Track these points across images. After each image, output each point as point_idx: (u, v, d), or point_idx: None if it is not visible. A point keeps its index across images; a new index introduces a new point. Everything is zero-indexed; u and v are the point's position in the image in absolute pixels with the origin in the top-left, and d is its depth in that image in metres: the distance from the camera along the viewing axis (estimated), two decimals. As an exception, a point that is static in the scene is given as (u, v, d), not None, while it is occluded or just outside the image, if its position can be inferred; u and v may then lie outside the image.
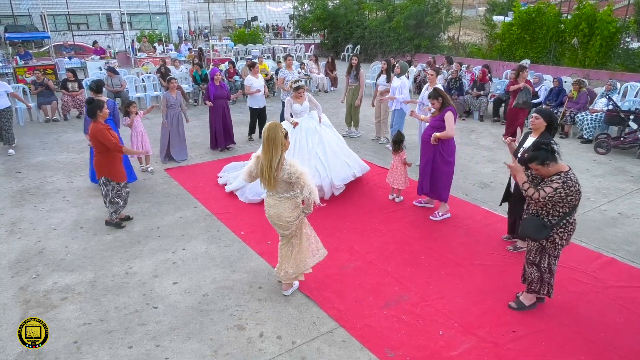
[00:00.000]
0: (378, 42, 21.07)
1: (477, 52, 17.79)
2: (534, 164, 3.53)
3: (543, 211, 3.61)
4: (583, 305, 4.04)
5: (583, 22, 13.35)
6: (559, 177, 3.47)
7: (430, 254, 4.88)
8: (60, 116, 10.88)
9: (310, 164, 6.09)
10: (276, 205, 3.84)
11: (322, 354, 3.49)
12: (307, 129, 6.33)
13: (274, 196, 3.84)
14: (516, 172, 3.68)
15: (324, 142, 6.30)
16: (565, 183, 3.44)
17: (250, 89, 8.50)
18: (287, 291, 4.20)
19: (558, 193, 3.44)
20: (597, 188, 6.65)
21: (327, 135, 6.43)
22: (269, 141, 3.65)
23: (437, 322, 3.83)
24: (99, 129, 5.08)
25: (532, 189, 3.52)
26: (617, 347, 3.54)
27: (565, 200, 3.48)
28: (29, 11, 26.10)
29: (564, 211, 3.54)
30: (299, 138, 6.23)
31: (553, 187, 3.44)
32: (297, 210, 3.88)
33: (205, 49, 18.01)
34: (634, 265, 4.67)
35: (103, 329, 3.75)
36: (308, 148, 6.19)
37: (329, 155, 6.23)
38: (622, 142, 8.19)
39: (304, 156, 6.10)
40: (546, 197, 3.46)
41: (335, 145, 6.44)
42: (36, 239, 5.23)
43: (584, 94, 9.41)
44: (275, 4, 38.60)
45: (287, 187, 3.78)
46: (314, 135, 6.30)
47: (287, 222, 3.86)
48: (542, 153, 3.46)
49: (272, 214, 3.88)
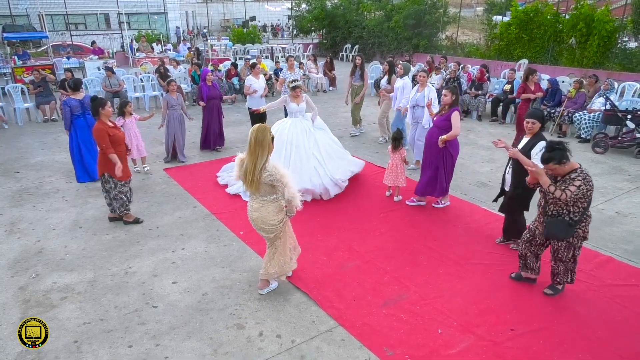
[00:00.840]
0: (376, 42, 21.10)
1: (475, 52, 17.83)
2: (551, 164, 3.62)
3: (564, 210, 3.71)
4: (581, 303, 4.06)
5: (581, 22, 13.39)
6: (577, 175, 3.61)
7: (429, 253, 4.90)
8: (58, 116, 10.84)
9: (309, 164, 6.12)
10: (260, 208, 3.82)
11: (321, 353, 3.50)
12: (303, 129, 6.34)
13: (258, 199, 3.83)
14: (539, 175, 3.72)
15: (318, 145, 6.35)
16: (584, 179, 3.60)
17: (250, 90, 8.50)
18: (262, 290, 4.21)
19: (581, 190, 3.58)
20: (594, 187, 6.66)
21: (320, 138, 6.46)
22: (257, 143, 3.63)
23: (436, 320, 3.84)
24: (98, 129, 5.09)
25: (559, 191, 3.61)
26: (616, 345, 3.56)
27: (586, 196, 3.63)
28: (26, 11, 26.01)
29: (583, 206, 3.69)
30: (295, 137, 6.25)
31: (576, 185, 3.57)
32: (281, 214, 3.88)
33: (204, 49, 18.01)
34: (632, 264, 4.69)
35: (103, 328, 3.75)
36: (305, 148, 6.22)
37: (325, 157, 6.29)
38: (620, 141, 8.22)
39: (301, 155, 6.15)
40: (572, 196, 3.57)
41: (329, 147, 6.50)
42: (35, 238, 5.23)
43: (582, 93, 9.45)
44: (273, 4, 38.57)
45: (270, 190, 3.76)
46: (310, 137, 6.33)
47: (271, 225, 3.86)
48: (558, 153, 3.59)
49: (256, 218, 3.87)
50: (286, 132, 6.29)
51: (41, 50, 19.54)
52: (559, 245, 3.88)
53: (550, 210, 3.81)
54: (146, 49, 18.00)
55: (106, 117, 5.24)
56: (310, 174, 6.10)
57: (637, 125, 8.08)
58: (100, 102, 5.26)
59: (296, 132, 6.28)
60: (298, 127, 6.32)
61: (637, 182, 6.92)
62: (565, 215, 3.72)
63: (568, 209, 3.70)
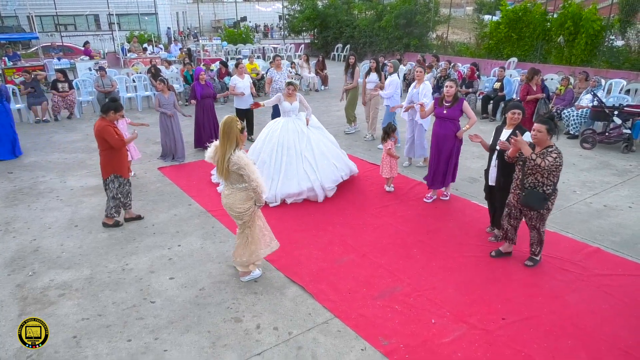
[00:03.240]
0: (368, 42, 21.23)
1: (465, 51, 18.01)
2: (545, 127, 4.00)
3: (539, 182, 4.12)
4: (570, 293, 4.18)
5: (569, 21, 13.61)
6: (554, 149, 4.02)
7: (422, 247, 4.99)
8: (50, 117, 10.83)
9: (299, 167, 6.11)
10: (229, 195, 4.07)
11: (318, 344, 3.57)
12: (295, 130, 6.26)
13: (228, 187, 4.08)
14: (523, 145, 4.05)
15: (312, 145, 6.26)
16: (559, 154, 4.01)
17: (235, 90, 8.52)
18: (243, 278, 4.40)
19: (556, 161, 3.98)
20: (583, 182, 6.82)
21: (315, 138, 6.38)
22: (224, 135, 3.88)
23: (430, 311, 3.93)
24: (104, 125, 5.07)
25: (540, 159, 3.98)
26: (603, 332, 3.67)
27: (558, 169, 4.04)
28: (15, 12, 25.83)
29: (554, 181, 4.12)
30: (287, 139, 6.18)
31: (553, 157, 3.97)
32: (249, 202, 4.07)
33: (195, 49, 18.00)
34: (618, 255, 4.82)
35: (101, 324, 3.79)
36: (296, 150, 6.16)
37: (318, 158, 6.22)
38: (607, 137, 8.39)
39: (292, 158, 6.12)
40: (549, 165, 3.95)
41: (323, 146, 6.41)
42: (31, 237, 5.24)
43: (570, 90, 9.62)
44: (264, 4, 38.59)
45: (239, 179, 3.99)
46: (302, 138, 6.25)
47: (237, 212, 4.08)
48: (552, 124, 4.05)
49: (225, 203, 4.13)
50: (277, 133, 6.24)
51: (31, 51, 19.40)
52: (532, 214, 4.30)
53: (527, 182, 4.19)
54: (138, 49, 17.95)
55: (112, 119, 5.22)
56: (299, 177, 6.05)
57: (623, 121, 8.25)
58: (116, 106, 5.19)
59: (287, 133, 6.21)
60: (290, 128, 6.26)
61: (624, 176, 7.07)
62: (540, 187, 4.13)
63: (543, 181, 4.10)
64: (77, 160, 7.93)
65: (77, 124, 10.49)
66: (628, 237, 5.19)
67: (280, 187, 6.02)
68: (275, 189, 6.02)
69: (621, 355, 3.44)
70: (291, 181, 6.03)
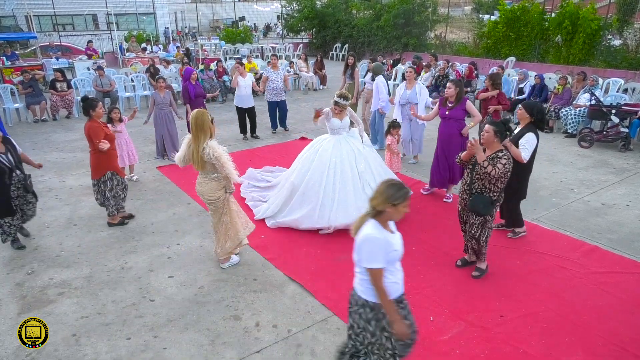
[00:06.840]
0: (366, 41, 21.23)
1: (463, 50, 18.03)
2: (492, 128, 3.96)
3: (486, 188, 4.03)
4: (568, 290, 4.20)
5: (566, 20, 13.63)
6: (504, 154, 3.96)
7: (421, 245, 5.01)
8: (49, 116, 10.83)
9: (357, 192, 5.16)
10: (202, 183, 4.29)
11: (317, 341, 3.59)
12: (350, 150, 5.36)
13: (202, 175, 4.29)
14: (478, 151, 4.02)
15: (371, 167, 5.38)
16: (509, 159, 3.95)
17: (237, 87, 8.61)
18: (224, 264, 4.57)
19: (506, 168, 3.90)
20: (580, 180, 6.85)
21: (371, 158, 5.51)
22: (197, 128, 4.04)
23: (428, 309, 3.95)
24: (93, 127, 5.10)
25: (491, 167, 3.92)
26: (599, 328, 3.70)
27: (506, 176, 3.96)
28: (12, 12, 25.78)
29: (501, 187, 4.03)
30: (339, 162, 5.24)
31: (502, 163, 3.90)
32: (220, 192, 4.27)
33: (194, 49, 18.00)
34: (616, 252, 4.84)
35: (101, 322, 3.80)
36: (352, 174, 5.24)
37: (378, 181, 4.95)
38: (605, 135, 8.42)
39: (348, 185, 5.17)
40: (499, 173, 3.88)
41: (380, 168, 5.54)
42: (30, 236, 5.25)
43: (568, 89, 9.65)
44: (262, 4, 38.59)
45: (212, 169, 4.18)
46: (360, 159, 5.35)
47: (209, 199, 4.29)
48: (502, 128, 4.00)
49: (198, 190, 4.36)
50: (329, 153, 5.32)
51: (29, 51, 19.37)
52: (475, 220, 4.15)
53: (475, 187, 4.10)
54: (136, 49, 17.95)
55: (98, 117, 5.23)
56: (358, 205, 5.00)
57: (621, 120, 8.29)
58: (90, 104, 5.11)
59: (341, 156, 5.28)
60: (343, 148, 5.33)
61: (621, 174, 7.10)
62: (487, 193, 4.04)
63: (490, 187, 4.01)
64: (75, 160, 7.92)
65: (75, 123, 10.48)
66: (625, 235, 5.21)
67: (334, 216, 5.14)
68: (327, 218, 5.15)
69: (618, 351, 3.46)
70: (349, 209, 5.07)
